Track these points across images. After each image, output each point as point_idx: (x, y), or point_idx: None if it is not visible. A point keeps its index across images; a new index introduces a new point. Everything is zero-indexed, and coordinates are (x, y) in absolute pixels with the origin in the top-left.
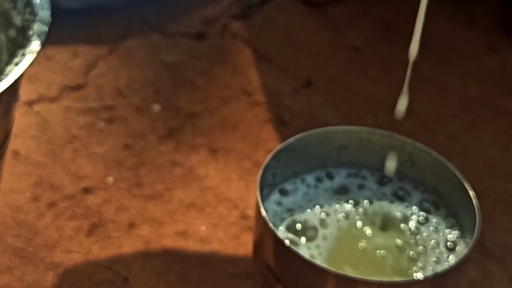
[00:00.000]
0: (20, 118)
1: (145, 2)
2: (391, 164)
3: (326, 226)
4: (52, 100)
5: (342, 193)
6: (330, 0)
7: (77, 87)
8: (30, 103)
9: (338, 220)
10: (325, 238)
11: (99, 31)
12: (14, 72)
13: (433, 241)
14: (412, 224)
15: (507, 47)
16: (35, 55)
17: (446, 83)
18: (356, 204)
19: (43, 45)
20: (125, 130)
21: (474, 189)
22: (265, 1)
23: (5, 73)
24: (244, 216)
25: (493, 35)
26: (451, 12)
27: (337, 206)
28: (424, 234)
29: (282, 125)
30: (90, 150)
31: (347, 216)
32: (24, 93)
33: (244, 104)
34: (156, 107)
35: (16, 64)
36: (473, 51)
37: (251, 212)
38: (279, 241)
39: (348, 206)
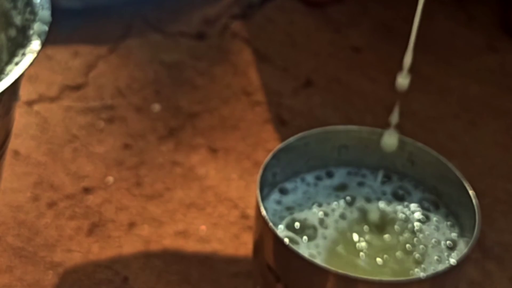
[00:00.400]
0: (20, 118)
1: (145, 2)
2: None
3: (326, 225)
4: (52, 99)
5: (341, 191)
6: (330, 0)
7: (77, 87)
8: (30, 103)
9: (338, 219)
10: (324, 237)
11: (99, 31)
12: (14, 72)
13: (433, 240)
14: (412, 223)
15: (507, 47)
16: (35, 54)
17: (446, 83)
18: (355, 202)
19: (43, 44)
20: (125, 130)
21: (474, 189)
22: (265, 1)
23: (5, 72)
24: (244, 216)
25: (493, 35)
26: (451, 12)
27: (337, 205)
28: (424, 233)
29: (282, 125)
30: (90, 149)
31: (346, 215)
32: (24, 92)
33: (244, 104)
34: (156, 107)
35: (16, 64)
36: (473, 51)
37: (251, 212)
38: (279, 241)
39: (348, 205)
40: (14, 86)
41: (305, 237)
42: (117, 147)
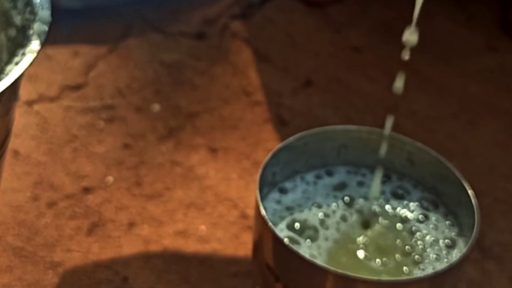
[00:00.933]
0: (20, 117)
1: (145, 2)
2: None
3: (326, 225)
4: (52, 99)
5: (340, 191)
6: (330, 0)
7: (77, 87)
8: (30, 103)
9: (338, 219)
10: (324, 237)
11: (99, 31)
12: (14, 72)
13: (432, 240)
14: (411, 223)
15: (507, 47)
16: (35, 54)
17: (446, 83)
18: (355, 202)
19: (43, 44)
20: (125, 130)
21: (473, 189)
22: (265, 1)
23: (5, 72)
24: (244, 216)
25: (493, 35)
26: (451, 12)
27: (336, 204)
28: (424, 232)
29: (282, 125)
30: (90, 149)
31: (346, 215)
32: (24, 92)
33: (244, 104)
34: (156, 107)
35: (16, 64)
36: (473, 51)
37: (251, 212)
38: (278, 240)
39: (347, 205)
40: (14, 86)
41: (305, 238)
42: (117, 147)
